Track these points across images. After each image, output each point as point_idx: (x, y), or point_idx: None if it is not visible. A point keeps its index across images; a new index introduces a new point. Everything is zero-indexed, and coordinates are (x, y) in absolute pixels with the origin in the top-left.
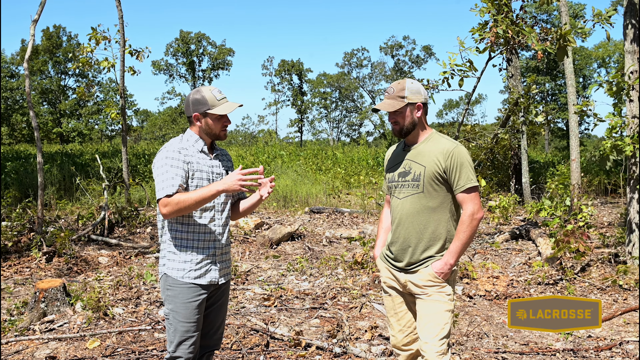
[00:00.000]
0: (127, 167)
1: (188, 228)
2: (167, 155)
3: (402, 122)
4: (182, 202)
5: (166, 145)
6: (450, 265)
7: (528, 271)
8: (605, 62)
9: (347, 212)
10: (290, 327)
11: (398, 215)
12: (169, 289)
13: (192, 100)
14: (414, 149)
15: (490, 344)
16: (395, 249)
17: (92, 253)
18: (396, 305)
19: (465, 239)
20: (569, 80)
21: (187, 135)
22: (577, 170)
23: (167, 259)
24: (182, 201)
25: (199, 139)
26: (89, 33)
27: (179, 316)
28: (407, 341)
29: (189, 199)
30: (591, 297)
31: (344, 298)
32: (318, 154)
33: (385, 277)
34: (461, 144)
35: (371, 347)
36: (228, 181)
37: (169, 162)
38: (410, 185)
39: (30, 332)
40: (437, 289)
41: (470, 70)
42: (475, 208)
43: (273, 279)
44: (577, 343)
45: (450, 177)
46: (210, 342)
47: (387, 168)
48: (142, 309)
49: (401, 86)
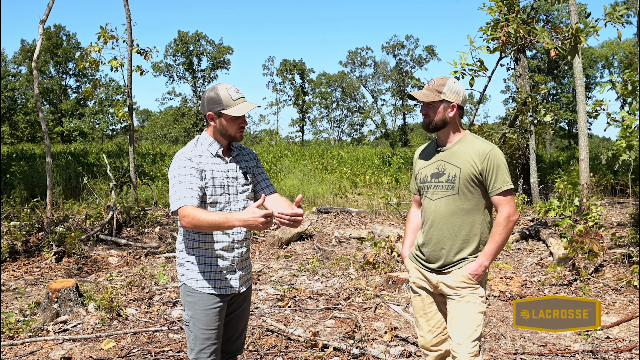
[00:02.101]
0: (135, 166)
1: (206, 237)
2: (180, 164)
3: (432, 117)
4: (196, 221)
5: (179, 153)
6: (485, 267)
7: (541, 272)
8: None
9: (355, 212)
10: (305, 327)
11: (431, 217)
12: (189, 295)
13: (207, 98)
14: (448, 149)
15: (508, 345)
16: (427, 250)
17: (101, 253)
18: (426, 305)
19: (501, 241)
20: (577, 79)
21: (201, 138)
22: (586, 170)
23: (186, 268)
24: (198, 221)
25: (214, 141)
26: (98, 32)
27: (200, 323)
28: (436, 342)
29: (204, 221)
30: (606, 298)
31: (358, 299)
32: (324, 154)
33: (415, 277)
34: (496, 146)
35: (389, 348)
36: (249, 219)
37: (182, 171)
38: (444, 186)
39: (44, 332)
40: (470, 290)
41: (481, 70)
42: (511, 210)
43: (285, 279)
44: (596, 344)
45: (486, 179)
46: (233, 347)
47: (418, 168)
48: (155, 310)
49: (442, 82)
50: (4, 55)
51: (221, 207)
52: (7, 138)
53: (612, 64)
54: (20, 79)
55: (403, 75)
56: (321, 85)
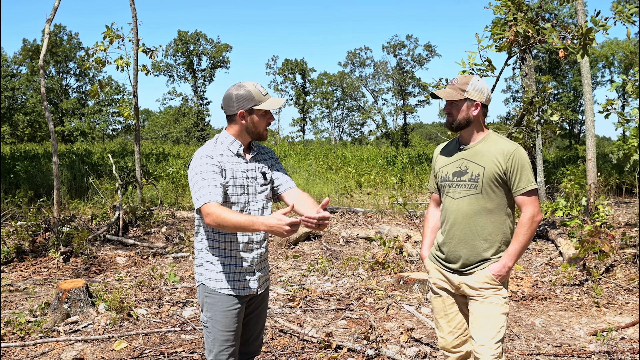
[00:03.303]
0: (140, 166)
1: (226, 237)
2: (201, 162)
3: (456, 115)
4: (221, 219)
5: (200, 151)
6: (509, 267)
7: (551, 272)
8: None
9: (361, 212)
10: (317, 328)
11: (452, 216)
12: (207, 296)
13: (237, 96)
14: (471, 148)
15: (522, 346)
16: (447, 250)
17: (109, 253)
18: (447, 306)
19: (525, 242)
20: (585, 79)
21: (221, 137)
22: (593, 169)
23: (205, 268)
24: (223, 220)
25: (235, 140)
26: (103, 32)
27: (218, 325)
28: (457, 343)
29: (229, 221)
30: (619, 298)
31: (369, 299)
32: (328, 154)
33: (436, 278)
34: (520, 146)
35: (404, 349)
36: (274, 225)
37: (204, 168)
38: (467, 185)
39: (55, 333)
40: (493, 291)
41: (489, 70)
42: (535, 210)
43: (295, 279)
44: (611, 345)
45: (510, 179)
46: (250, 348)
47: (439, 166)
48: (165, 310)
49: (465, 80)
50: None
51: (241, 207)
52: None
53: (613, 64)
54: (21, 78)
55: (404, 75)
56: (322, 85)
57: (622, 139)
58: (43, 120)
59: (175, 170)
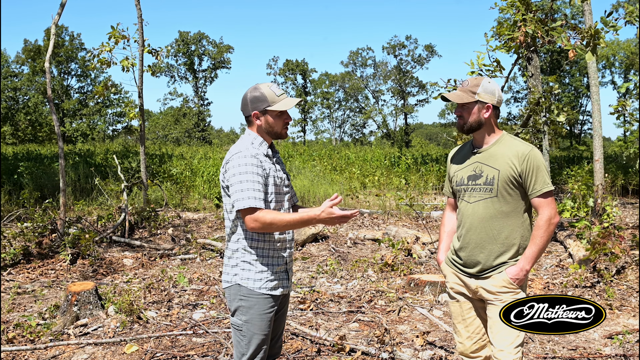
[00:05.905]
0: (145, 167)
1: (265, 237)
2: (246, 162)
3: (467, 118)
4: (275, 223)
5: (242, 150)
6: (527, 271)
7: (562, 273)
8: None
9: (367, 213)
10: (329, 331)
11: (469, 220)
12: (244, 299)
13: (251, 98)
14: (485, 151)
15: (537, 349)
16: (464, 254)
17: (116, 255)
18: (464, 311)
19: (542, 244)
20: (592, 79)
21: (251, 137)
22: (601, 170)
23: (241, 268)
24: (276, 223)
25: (263, 141)
26: (109, 32)
27: (255, 328)
28: (476, 348)
29: (282, 222)
30: (631, 300)
31: (380, 301)
32: (331, 155)
33: (453, 282)
34: (535, 147)
35: (418, 352)
36: (326, 217)
37: (249, 169)
38: (482, 189)
39: (65, 336)
40: (511, 295)
41: (497, 70)
42: (552, 213)
43: (304, 281)
44: (627, 348)
45: (525, 181)
46: (273, 350)
47: (453, 170)
48: (175, 312)
49: (476, 82)
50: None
51: (276, 208)
52: (9, 138)
53: (614, 64)
54: (22, 78)
55: (404, 75)
56: (323, 85)
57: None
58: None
59: (179, 171)
